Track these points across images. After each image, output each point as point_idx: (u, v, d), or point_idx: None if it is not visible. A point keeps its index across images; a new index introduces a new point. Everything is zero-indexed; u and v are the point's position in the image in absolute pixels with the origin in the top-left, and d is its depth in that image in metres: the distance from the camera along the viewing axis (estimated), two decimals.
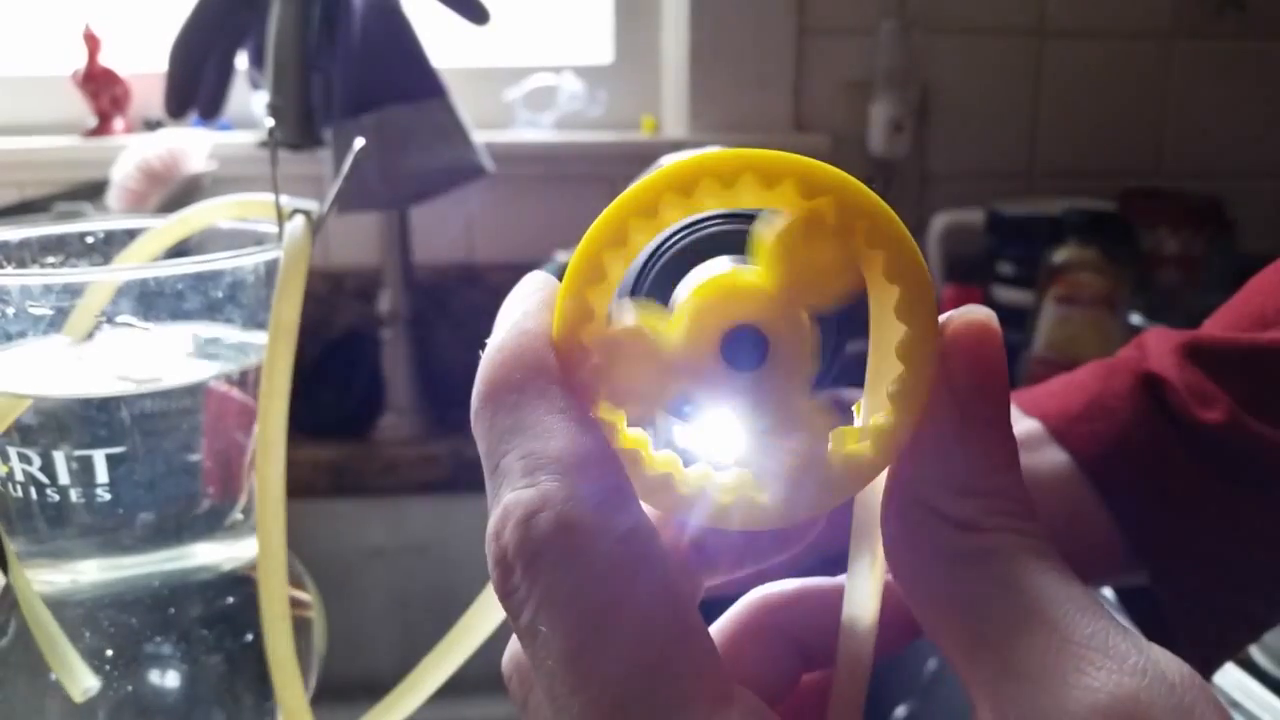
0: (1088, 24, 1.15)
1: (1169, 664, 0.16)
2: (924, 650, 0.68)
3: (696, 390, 0.18)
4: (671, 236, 0.21)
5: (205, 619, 0.35)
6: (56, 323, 0.34)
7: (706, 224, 0.21)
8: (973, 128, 1.16)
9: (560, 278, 0.19)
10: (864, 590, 0.20)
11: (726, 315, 0.18)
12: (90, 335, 0.34)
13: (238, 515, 0.36)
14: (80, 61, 1.09)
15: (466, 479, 0.98)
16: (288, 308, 0.32)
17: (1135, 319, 0.80)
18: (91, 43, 1.08)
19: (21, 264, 0.37)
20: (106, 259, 0.38)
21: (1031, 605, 0.16)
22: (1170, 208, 1.08)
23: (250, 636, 0.36)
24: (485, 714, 0.97)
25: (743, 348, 0.18)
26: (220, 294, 0.33)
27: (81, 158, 1.09)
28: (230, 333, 0.35)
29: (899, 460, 0.19)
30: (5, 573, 0.34)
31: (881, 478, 0.19)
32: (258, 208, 0.36)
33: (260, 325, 0.34)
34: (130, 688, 0.34)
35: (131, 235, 0.39)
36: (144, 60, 1.13)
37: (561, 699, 0.16)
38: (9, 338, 0.32)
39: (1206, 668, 0.41)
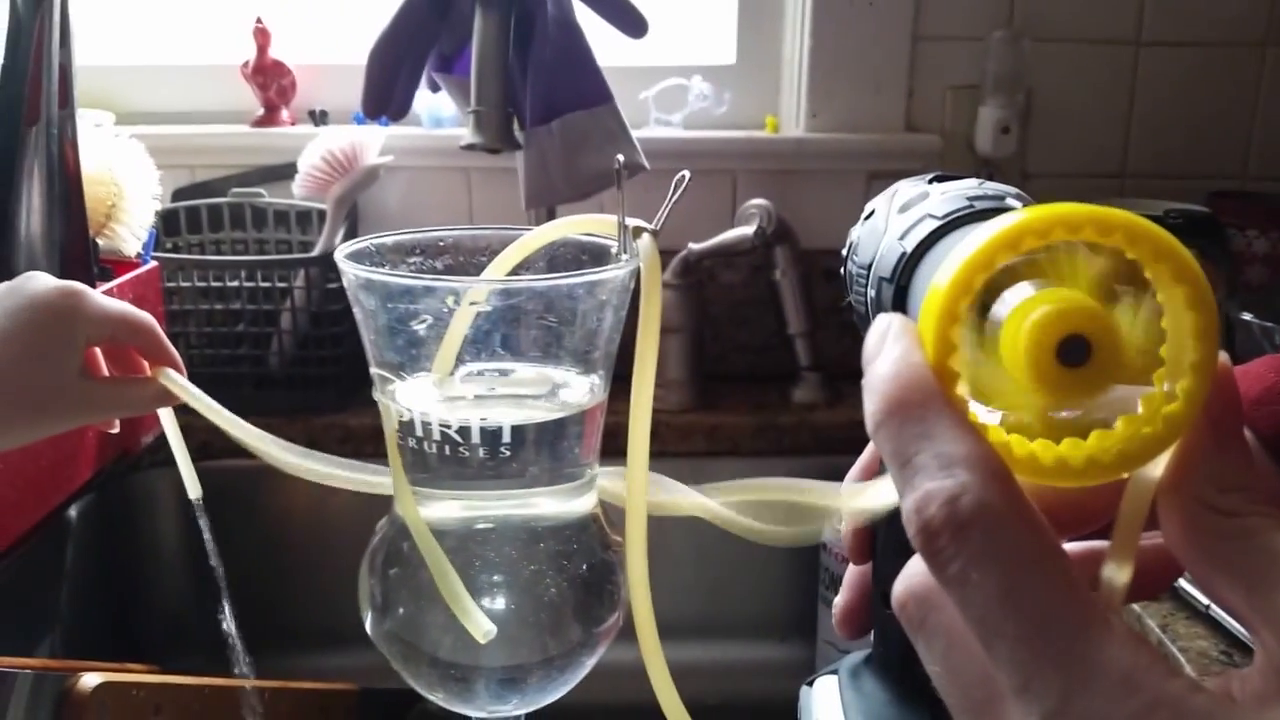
0: (1183, 34, 1.22)
1: None
2: None
3: (1042, 387, 0.27)
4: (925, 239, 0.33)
5: (563, 553, 0.45)
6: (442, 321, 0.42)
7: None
8: (1071, 130, 1.24)
9: None
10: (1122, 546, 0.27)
11: (1061, 329, 0.25)
12: (454, 370, 0.43)
13: (591, 471, 0.45)
14: (249, 54, 1.18)
15: None
16: (652, 306, 0.41)
17: (1246, 316, 0.87)
18: (262, 37, 1.17)
19: (393, 265, 0.46)
20: (466, 263, 0.47)
21: None
22: (1259, 209, 1.15)
23: (587, 566, 0.45)
24: None
25: (1072, 349, 0.25)
26: (585, 302, 0.43)
27: (247, 144, 1.19)
28: (568, 376, 0.44)
29: (1176, 470, 0.26)
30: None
31: (1162, 460, 0.26)
32: (602, 225, 0.45)
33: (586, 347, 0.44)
34: (513, 605, 0.44)
35: (476, 242, 0.48)
36: (308, 52, 1.22)
37: (995, 624, 0.23)
38: (419, 323, 0.41)
39: None
